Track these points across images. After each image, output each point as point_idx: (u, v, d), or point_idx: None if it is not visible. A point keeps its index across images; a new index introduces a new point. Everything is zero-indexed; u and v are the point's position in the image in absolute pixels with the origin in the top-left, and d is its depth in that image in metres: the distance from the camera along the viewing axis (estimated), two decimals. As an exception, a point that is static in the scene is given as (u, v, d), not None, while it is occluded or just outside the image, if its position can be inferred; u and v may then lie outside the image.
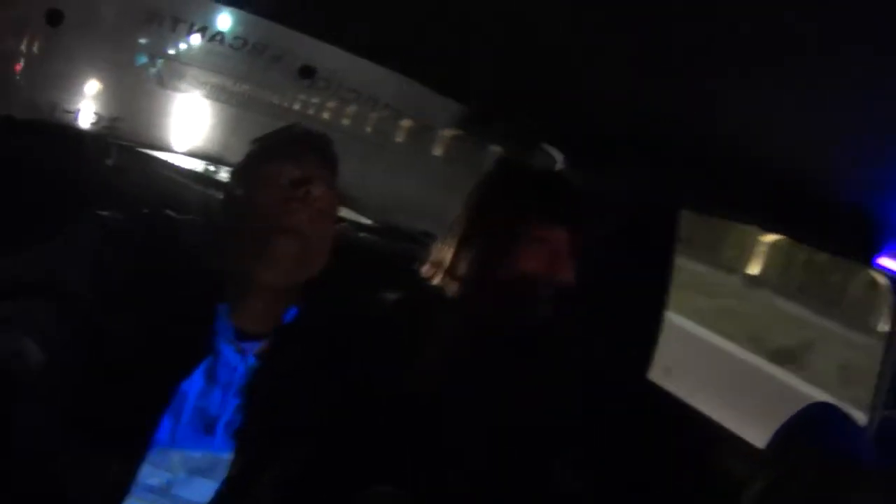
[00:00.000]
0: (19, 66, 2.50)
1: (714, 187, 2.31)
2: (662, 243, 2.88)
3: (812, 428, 1.72)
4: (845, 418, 1.70)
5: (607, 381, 2.19)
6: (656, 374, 2.95)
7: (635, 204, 2.79)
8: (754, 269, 22.22)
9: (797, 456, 1.65)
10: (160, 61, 2.65)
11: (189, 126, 2.85)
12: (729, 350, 12.83)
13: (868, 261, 1.88)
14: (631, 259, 2.80)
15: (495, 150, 3.34)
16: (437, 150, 3.57)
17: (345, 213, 2.96)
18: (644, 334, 2.94)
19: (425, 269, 2.02)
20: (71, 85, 2.54)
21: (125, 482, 1.54)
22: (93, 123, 2.54)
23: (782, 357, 13.73)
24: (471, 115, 3.14)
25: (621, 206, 2.79)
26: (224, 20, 2.61)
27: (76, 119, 2.51)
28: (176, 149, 2.83)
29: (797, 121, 1.39)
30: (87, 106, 2.54)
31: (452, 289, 1.96)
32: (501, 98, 2.55)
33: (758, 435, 2.61)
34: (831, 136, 1.39)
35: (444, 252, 2.00)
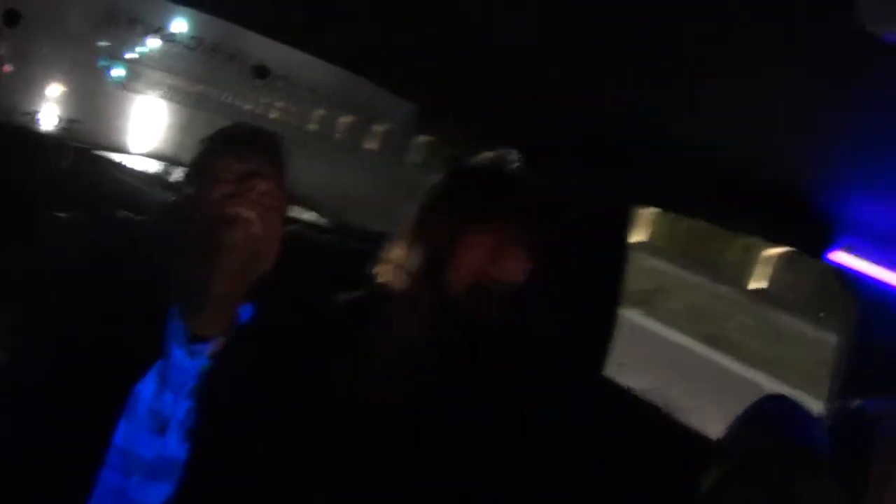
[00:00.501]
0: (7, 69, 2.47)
1: (668, 185, 2.35)
2: (616, 240, 2.91)
3: (766, 419, 1.75)
4: (800, 409, 1.73)
5: (565, 379, 2.22)
6: (611, 369, 3.00)
7: (589, 202, 2.82)
8: (639, 236, 23.06)
9: (752, 447, 1.68)
10: (120, 64, 2.64)
11: (145, 127, 2.84)
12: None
13: (820, 254, 1.91)
14: (586, 256, 2.83)
15: (451, 150, 3.36)
16: (390, 151, 3.58)
17: (301, 213, 2.97)
18: (599, 331, 2.97)
19: (378, 269, 2.04)
20: (28, 86, 2.51)
21: (84, 486, 1.54)
22: (49, 125, 2.52)
23: (634, 299, 14.66)
24: (427, 116, 3.15)
25: (575, 204, 2.82)
26: (179, 21, 2.60)
27: (34, 121, 2.49)
28: (133, 150, 2.82)
29: (750, 119, 1.42)
30: (45, 108, 2.52)
31: (405, 289, 1.98)
32: (456, 98, 2.57)
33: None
34: (785, 134, 1.42)
35: (397, 252, 2.01)
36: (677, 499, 1.83)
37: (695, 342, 14.44)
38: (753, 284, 19.84)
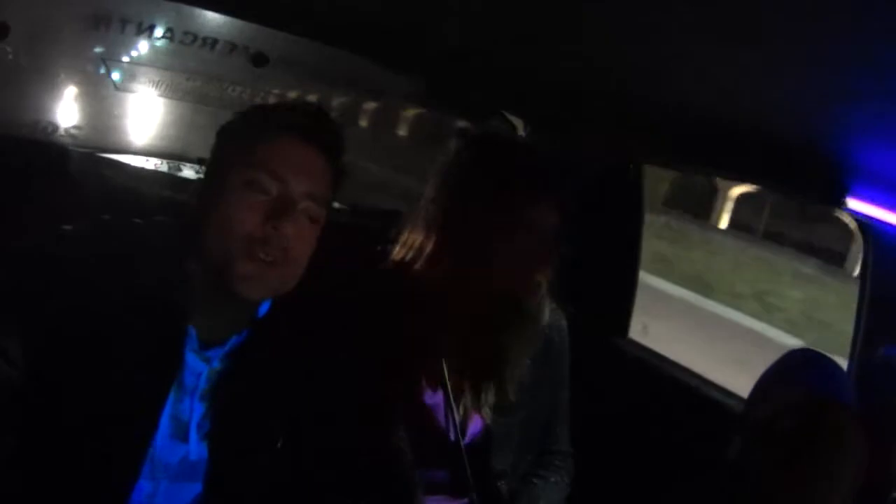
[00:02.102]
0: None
1: (680, 142, 2.32)
2: (630, 201, 2.89)
3: (793, 372, 1.74)
4: (825, 361, 1.73)
5: (590, 343, 2.21)
6: (634, 331, 3.00)
7: (601, 164, 2.80)
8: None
9: (780, 400, 1.67)
10: (114, 65, 2.61)
11: (148, 126, 2.83)
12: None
13: (839, 204, 1.89)
14: (601, 219, 2.82)
15: (456, 124, 3.32)
16: (399, 129, 3.57)
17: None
18: (621, 292, 2.96)
19: (396, 251, 2.01)
20: (23, 97, 2.50)
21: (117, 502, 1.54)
22: (50, 133, 2.50)
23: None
24: (430, 90, 3.12)
25: (587, 168, 2.80)
26: (171, 17, 2.58)
27: (34, 132, 2.47)
28: (137, 150, 2.81)
29: (758, 69, 1.40)
30: (45, 117, 2.50)
31: (428, 270, 1.95)
32: (459, 70, 2.54)
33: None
34: (795, 83, 1.40)
35: (416, 232, 1.98)
36: (705, 458, 1.82)
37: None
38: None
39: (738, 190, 26.61)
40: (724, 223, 27.25)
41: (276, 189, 1.59)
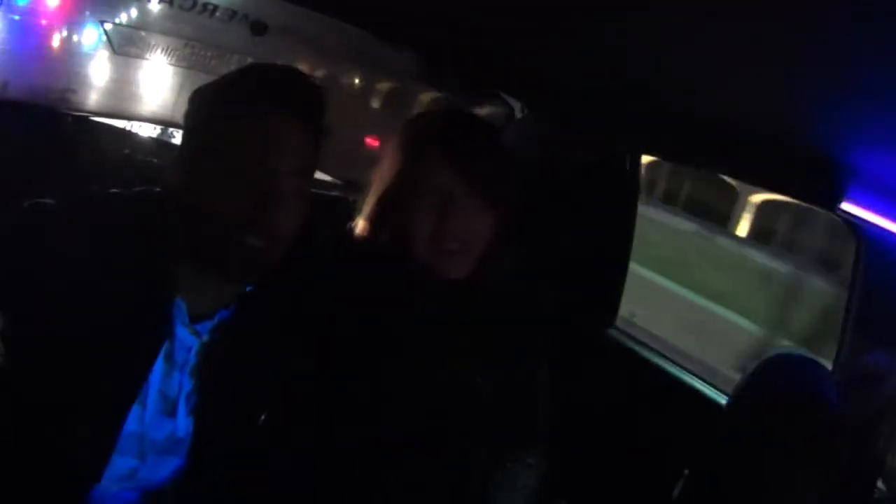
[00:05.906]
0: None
1: (674, 134, 2.31)
2: (624, 190, 2.89)
3: (777, 373, 1.75)
4: (810, 364, 1.73)
5: (574, 330, 2.21)
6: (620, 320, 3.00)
7: (596, 151, 2.80)
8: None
9: (762, 400, 1.68)
10: (112, 28, 2.58)
11: (143, 92, 2.80)
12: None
13: (831, 207, 1.88)
14: (595, 205, 2.81)
15: (453, 100, 3.31)
16: (392, 103, 3.54)
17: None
18: (611, 280, 2.96)
19: (355, 226, 1.99)
20: (17, 58, 2.47)
21: (93, 476, 1.53)
22: (43, 96, 2.47)
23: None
24: (426, 67, 3.10)
25: (582, 154, 2.79)
26: (172, -18, 2.56)
27: (26, 93, 2.45)
28: (131, 116, 2.79)
29: (756, 67, 1.39)
30: (37, 79, 2.48)
31: (370, 243, 1.94)
32: (457, 48, 2.53)
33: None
34: (791, 82, 1.39)
35: (367, 203, 1.97)
36: (684, 452, 1.82)
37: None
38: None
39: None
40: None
41: (256, 170, 1.51)
